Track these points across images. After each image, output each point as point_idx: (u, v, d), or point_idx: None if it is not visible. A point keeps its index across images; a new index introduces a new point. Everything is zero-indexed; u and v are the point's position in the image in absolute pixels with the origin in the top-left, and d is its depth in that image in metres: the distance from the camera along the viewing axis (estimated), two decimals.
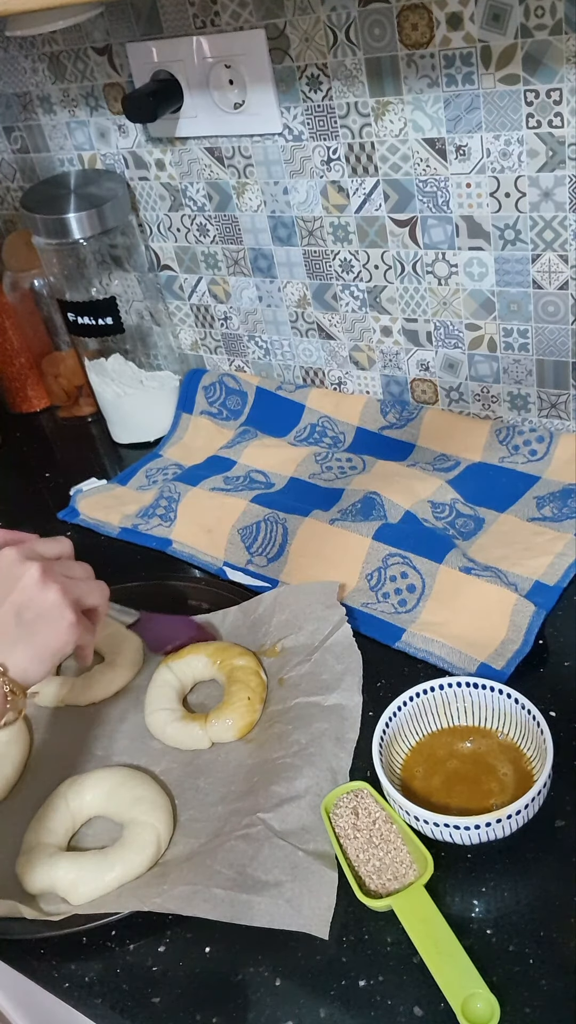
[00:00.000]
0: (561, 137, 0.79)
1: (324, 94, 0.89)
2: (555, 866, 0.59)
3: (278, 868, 0.61)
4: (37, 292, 1.21)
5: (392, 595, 0.82)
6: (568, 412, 0.95)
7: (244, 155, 0.99)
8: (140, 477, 1.09)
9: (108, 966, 0.59)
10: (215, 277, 1.12)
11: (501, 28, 0.77)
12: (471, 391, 1.00)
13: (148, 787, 0.69)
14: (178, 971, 0.58)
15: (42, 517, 1.06)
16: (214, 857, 0.63)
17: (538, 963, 0.55)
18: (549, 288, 0.88)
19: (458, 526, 0.89)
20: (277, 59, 0.90)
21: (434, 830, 0.59)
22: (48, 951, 0.61)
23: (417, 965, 0.55)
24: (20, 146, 1.18)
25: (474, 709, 0.67)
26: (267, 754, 0.70)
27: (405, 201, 0.91)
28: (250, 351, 1.16)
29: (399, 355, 1.03)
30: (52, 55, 1.06)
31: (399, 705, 0.66)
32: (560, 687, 0.71)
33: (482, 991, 0.52)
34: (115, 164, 1.10)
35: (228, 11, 0.90)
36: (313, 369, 1.12)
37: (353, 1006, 0.55)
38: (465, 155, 0.85)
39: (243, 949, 0.59)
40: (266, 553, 0.90)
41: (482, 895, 0.59)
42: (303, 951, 0.58)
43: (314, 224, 0.99)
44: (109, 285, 1.12)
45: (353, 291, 1.01)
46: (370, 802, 0.63)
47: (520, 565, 0.82)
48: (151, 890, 0.61)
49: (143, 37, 0.97)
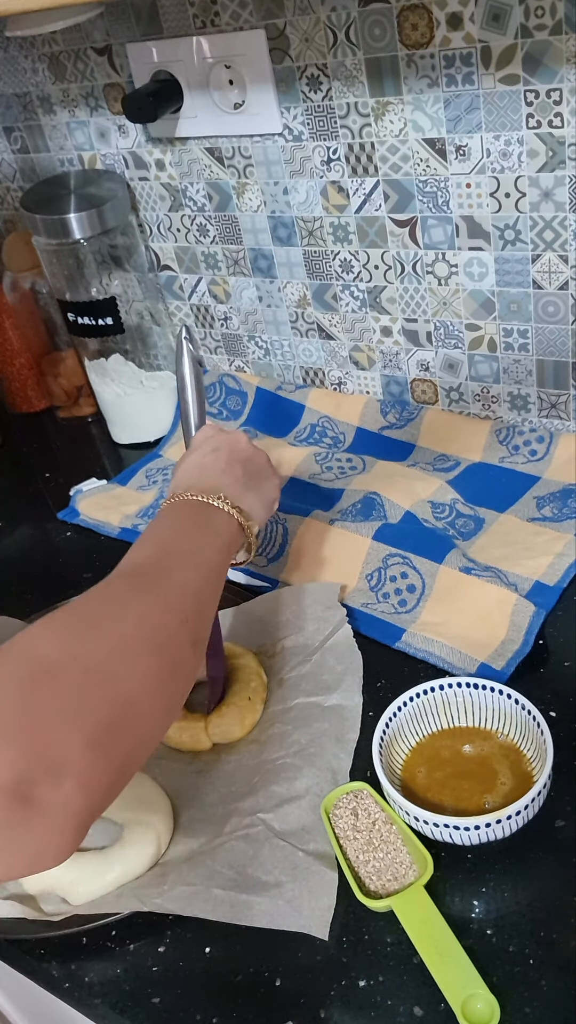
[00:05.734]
0: (561, 137, 0.79)
1: (324, 94, 0.89)
2: (555, 866, 0.59)
3: (278, 868, 0.61)
4: (37, 292, 1.21)
5: (392, 595, 0.82)
6: (568, 412, 0.95)
7: (244, 155, 0.99)
8: (140, 477, 1.09)
9: (108, 966, 0.59)
10: (215, 277, 1.12)
11: (501, 28, 0.77)
12: (471, 391, 1.00)
13: (148, 787, 0.69)
14: (178, 971, 0.58)
15: (42, 517, 1.06)
16: (214, 857, 0.63)
17: (538, 963, 0.55)
18: (549, 288, 0.88)
19: (458, 526, 0.89)
20: (277, 59, 0.90)
21: (434, 830, 0.59)
22: (48, 951, 0.61)
23: (417, 965, 0.55)
24: (20, 146, 1.18)
25: (474, 709, 0.67)
26: (267, 754, 0.70)
27: (405, 201, 0.91)
28: (250, 351, 1.16)
29: (399, 355, 1.03)
30: (52, 55, 1.06)
31: (399, 705, 0.66)
32: (560, 687, 0.71)
33: (482, 991, 0.52)
34: (115, 164, 1.10)
35: (228, 11, 0.90)
36: (313, 369, 1.12)
37: (353, 1006, 0.55)
38: (465, 155, 0.85)
39: (243, 949, 0.59)
40: (266, 553, 0.90)
41: (482, 895, 0.59)
42: (303, 951, 0.58)
43: (314, 224, 0.99)
44: (109, 285, 1.12)
45: (353, 291, 1.01)
46: (370, 803, 0.63)
47: (520, 565, 0.82)
48: (151, 890, 0.61)
49: (143, 37, 0.97)
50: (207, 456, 0.73)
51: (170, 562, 0.60)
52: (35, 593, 0.93)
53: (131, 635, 0.52)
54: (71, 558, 0.99)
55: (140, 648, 0.52)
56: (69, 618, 0.52)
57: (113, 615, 0.53)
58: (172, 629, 0.55)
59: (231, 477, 0.70)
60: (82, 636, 0.50)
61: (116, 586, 0.57)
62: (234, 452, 0.73)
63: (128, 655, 0.51)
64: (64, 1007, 0.64)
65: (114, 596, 0.56)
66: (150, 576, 0.58)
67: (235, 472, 0.71)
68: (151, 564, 0.60)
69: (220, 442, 0.74)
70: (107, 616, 0.53)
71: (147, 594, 0.56)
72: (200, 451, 0.74)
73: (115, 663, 0.50)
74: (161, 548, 0.62)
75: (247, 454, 0.74)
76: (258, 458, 0.75)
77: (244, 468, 0.72)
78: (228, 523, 0.67)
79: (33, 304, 1.23)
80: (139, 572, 0.59)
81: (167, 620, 0.55)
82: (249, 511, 0.69)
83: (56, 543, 1.02)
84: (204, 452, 0.73)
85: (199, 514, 0.66)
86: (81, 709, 0.47)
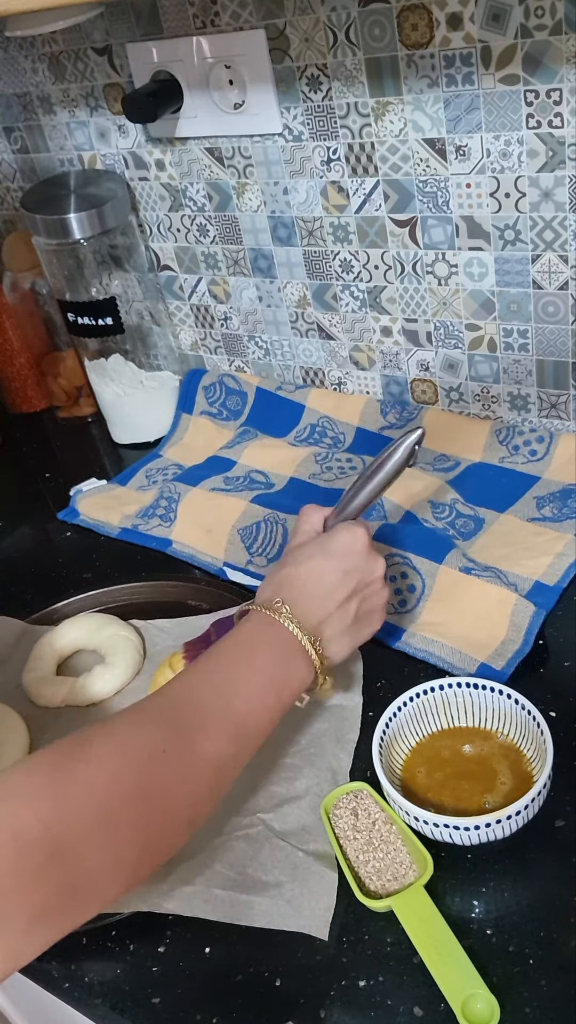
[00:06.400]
0: (561, 137, 0.79)
1: (324, 94, 0.89)
2: (555, 866, 0.59)
3: (278, 869, 0.61)
4: (37, 292, 1.21)
5: (392, 595, 0.82)
6: (568, 412, 0.95)
7: (244, 155, 0.99)
8: (140, 477, 1.09)
9: (108, 966, 0.59)
10: (215, 277, 1.12)
11: (501, 28, 0.77)
12: (471, 391, 1.00)
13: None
14: (178, 971, 0.58)
15: (42, 517, 1.06)
16: (214, 857, 0.63)
17: (538, 963, 0.55)
18: (549, 288, 0.88)
19: (458, 526, 0.89)
20: (277, 59, 0.90)
21: (434, 830, 0.59)
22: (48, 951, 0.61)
23: (417, 965, 0.55)
24: (20, 146, 1.18)
25: (474, 709, 0.67)
26: (267, 754, 0.70)
27: (405, 201, 0.91)
28: (250, 351, 1.16)
29: (399, 355, 1.03)
30: (52, 55, 1.06)
31: (399, 705, 0.66)
32: (560, 687, 0.71)
33: (482, 991, 0.52)
34: (115, 164, 1.10)
35: (228, 11, 0.90)
36: (313, 369, 1.12)
37: (353, 1006, 0.55)
38: (465, 155, 0.85)
39: (243, 949, 0.59)
40: (266, 553, 0.90)
41: (482, 895, 0.59)
42: (303, 951, 0.58)
43: (314, 224, 0.99)
44: (109, 285, 1.12)
45: (353, 291, 1.01)
46: (370, 803, 0.63)
47: (520, 565, 0.82)
48: (151, 890, 0.61)
49: (143, 37, 0.97)
50: (336, 576, 0.64)
51: (214, 720, 0.55)
52: (35, 593, 0.93)
53: (121, 807, 0.49)
54: (71, 558, 0.99)
55: (124, 823, 0.49)
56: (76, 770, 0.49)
57: (116, 773, 0.50)
58: (174, 811, 0.52)
59: (341, 618, 0.64)
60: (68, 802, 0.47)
61: (148, 731, 0.53)
62: (363, 586, 0.65)
63: (109, 829, 0.48)
64: (64, 1007, 0.64)
65: (137, 748, 0.51)
66: (183, 731, 0.53)
67: (349, 612, 0.64)
68: (191, 710, 0.55)
69: (358, 565, 0.65)
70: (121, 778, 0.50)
71: (168, 757, 0.52)
72: (335, 563, 0.64)
73: (88, 841, 0.47)
74: (216, 690, 0.57)
75: (373, 591, 0.66)
76: (379, 599, 0.67)
77: (359, 607, 0.65)
78: (304, 680, 0.61)
79: (33, 304, 1.23)
80: (174, 716, 0.54)
81: (172, 803, 0.52)
82: (331, 660, 0.64)
83: (56, 543, 1.02)
84: (337, 568, 0.64)
85: (284, 656, 0.61)
86: (34, 888, 0.45)
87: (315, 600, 0.63)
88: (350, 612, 0.64)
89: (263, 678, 0.60)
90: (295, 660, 0.61)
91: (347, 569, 0.64)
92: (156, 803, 0.51)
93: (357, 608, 0.65)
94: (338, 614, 0.64)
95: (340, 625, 0.64)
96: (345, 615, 0.64)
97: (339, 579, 0.64)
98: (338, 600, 0.64)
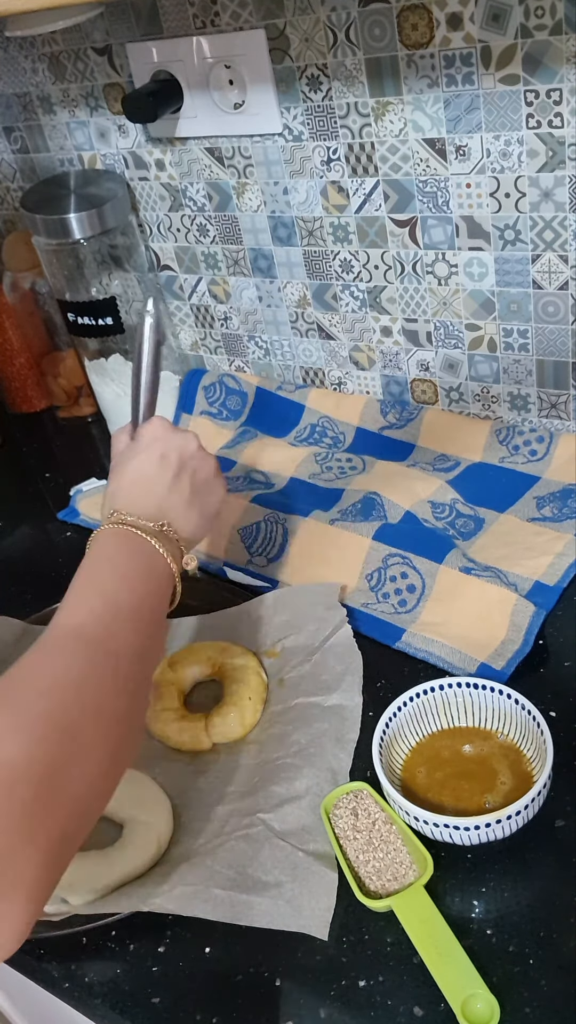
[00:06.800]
0: (561, 137, 0.79)
1: (324, 94, 0.89)
2: (555, 866, 0.59)
3: (278, 869, 0.61)
4: (37, 292, 1.21)
5: (392, 595, 0.82)
6: (568, 412, 0.95)
7: (244, 155, 0.99)
8: None
9: (108, 966, 0.59)
10: (215, 277, 1.12)
11: (501, 28, 0.77)
12: (471, 391, 1.00)
13: (148, 787, 0.69)
14: (178, 971, 0.58)
15: (42, 517, 1.07)
16: (214, 857, 0.63)
17: (538, 963, 0.55)
18: (549, 288, 0.88)
19: (458, 526, 0.89)
20: (277, 59, 0.90)
21: (434, 830, 0.59)
22: (48, 951, 0.61)
23: (417, 965, 0.55)
24: (20, 146, 1.18)
25: (474, 709, 0.67)
26: (267, 754, 0.70)
27: (405, 201, 0.91)
28: (250, 351, 1.16)
29: (399, 355, 1.03)
30: (52, 55, 1.06)
31: (399, 705, 0.66)
32: (560, 687, 0.71)
33: (482, 991, 0.52)
34: (115, 164, 1.10)
35: (228, 11, 0.90)
36: (313, 369, 1.12)
37: (353, 1006, 0.55)
38: (465, 155, 0.85)
39: (243, 949, 0.59)
40: (266, 553, 0.90)
41: (482, 895, 0.59)
42: (303, 951, 0.58)
43: (314, 224, 0.99)
44: (109, 285, 1.12)
45: (353, 291, 1.01)
46: (370, 803, 0.63)
47: (520, 565, 0.82)
48: (151, 890, 0.61)
49: (143, 37, 0.97)
50: (154, 464, 0.68)
51: (117, 624, 0.56)
52: (35, 593, 0.93)
53: (86, 729, 0.50)
54: (71, 558, 0.97)
55: (93, 742, 0.50)
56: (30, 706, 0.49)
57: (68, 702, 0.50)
58: (121, 713, 0.53)
59: (178, 495, 0.67)
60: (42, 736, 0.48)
61: (67, 657, 0.53)
62: (184, 461, 0.68)
63: (81, 754, 0.49)
64: (64, 1007, 0.64)
65: (67, 672, 0.52)
66: (100, 645, 0.55)
67: (182, 489, 0.67)
68: (99, 628, 0.56)
69: (170, 446, 0.68)
70: (65, 703, 0.50)
71: (98, 669, 0.53)
72: (147, 454, 0.68)
73: (70, 767, 0.48)
74: (106, 604, 0.58)
75: (197, 463, 0.69)
76: (207, 467, 0.70)
77: (192, 481, 0.68)
78: (168, 568, 0.63)
79: (33, 304, 1.23)
80: (87, 637, 0.55)
81: (118, 705, 0.53)
82: (191, 536, 0.66)
83: (56, 543, 1.02)
84: (151, 457, 0.68)
85: (142, 556, 0.62)
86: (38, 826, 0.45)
87: (145, 494, 0.66)
88: (184, 488, 0.67)
89: (139, 578, 0.61)
90: (157, 558, 0.63)
91: (162, 453, 0.68)
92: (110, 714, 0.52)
93: (191, 482, 0.68)
94: (173, 496, 0.67)
95: (180, 503, 0.67)
96: (181, 493, 0.67)
97: (158, 465, 0.67)
98: (166, 483, 0.67)
